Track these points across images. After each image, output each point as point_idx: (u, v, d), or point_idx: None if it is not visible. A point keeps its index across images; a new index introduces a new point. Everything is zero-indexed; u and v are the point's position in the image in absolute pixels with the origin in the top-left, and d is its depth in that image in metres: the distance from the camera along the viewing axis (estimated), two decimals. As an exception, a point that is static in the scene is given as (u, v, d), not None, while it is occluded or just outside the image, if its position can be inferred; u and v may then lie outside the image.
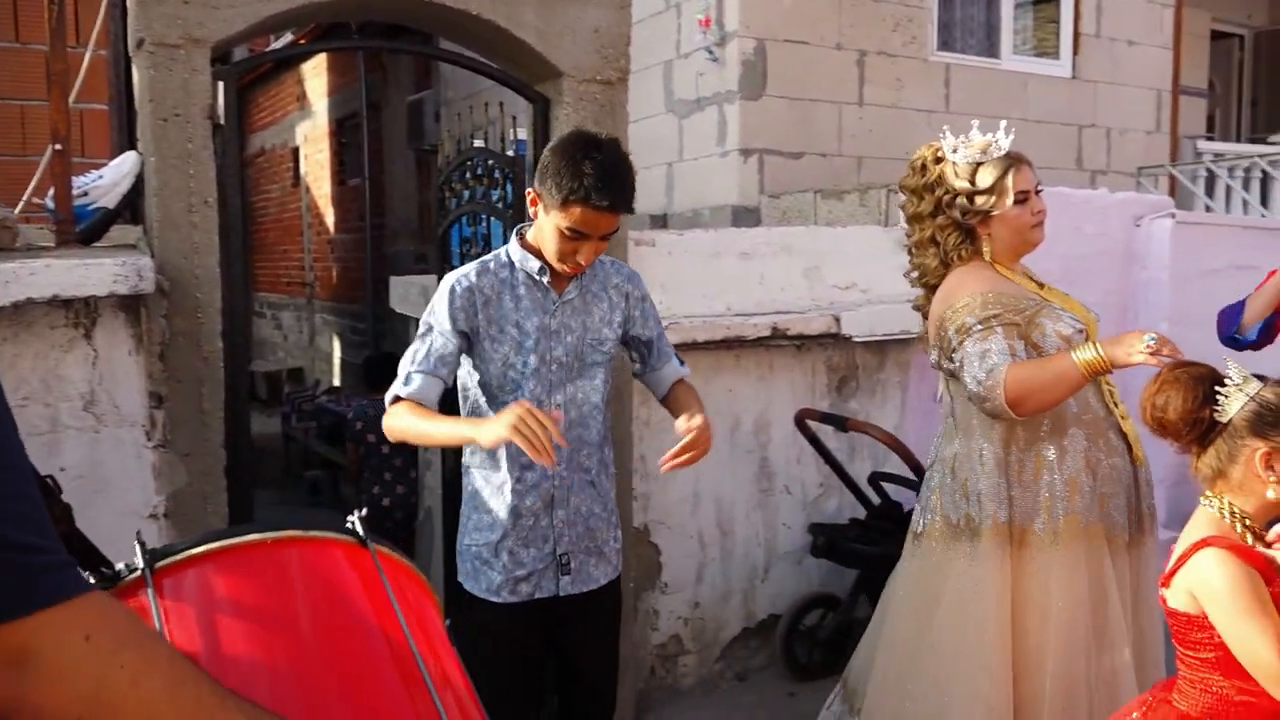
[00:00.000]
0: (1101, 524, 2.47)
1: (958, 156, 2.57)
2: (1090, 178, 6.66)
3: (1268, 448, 1.73)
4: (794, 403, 3.84)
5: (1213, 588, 1.68)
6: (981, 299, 2.47)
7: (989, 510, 2.49)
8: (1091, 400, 2.51)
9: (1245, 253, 4.81)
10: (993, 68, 6.41)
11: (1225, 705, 1.72)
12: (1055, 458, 2.46)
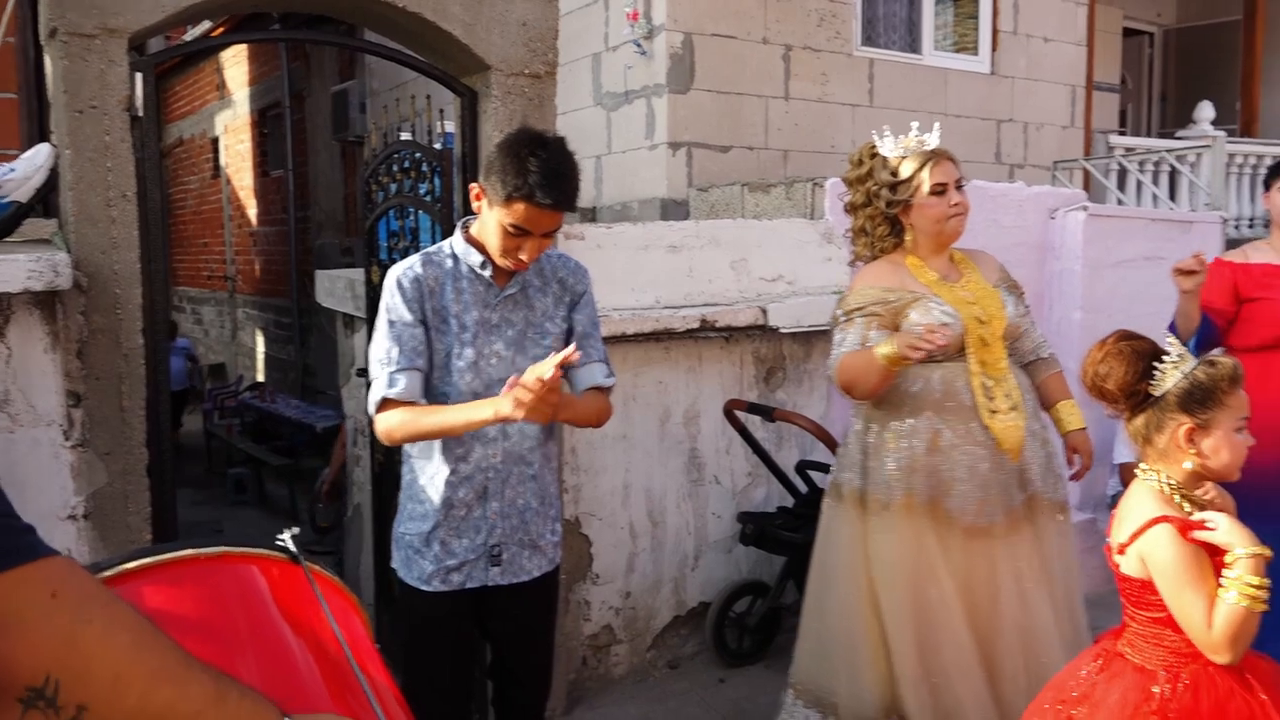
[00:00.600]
0: (940, 507, 2.66)
1: (886, 150, 2.77)
2: (1009, 171, 6.85)
3: (1192, 423, 1.86)
4: (723, 394, 3.89)
5: (1161, 562, 1.81)
6: (857, 293, 2.78)
7: (846, 478, 2.84)
8: (960, 389, 2.69)
9: (1153, 244, 5.01)
10: (915, 63, 6.55)
11: (1176, 656, 1.85)
12: (904, 437, 2.70)
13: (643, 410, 3.79)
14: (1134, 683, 1.88)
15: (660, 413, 3.83)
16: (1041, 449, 2.79)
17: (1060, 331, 4.82)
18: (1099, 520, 4.77)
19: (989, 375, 2.71)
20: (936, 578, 2.66)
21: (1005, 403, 2.69)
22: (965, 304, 2.74)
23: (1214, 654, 1.78)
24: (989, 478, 2.67)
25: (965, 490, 2.66)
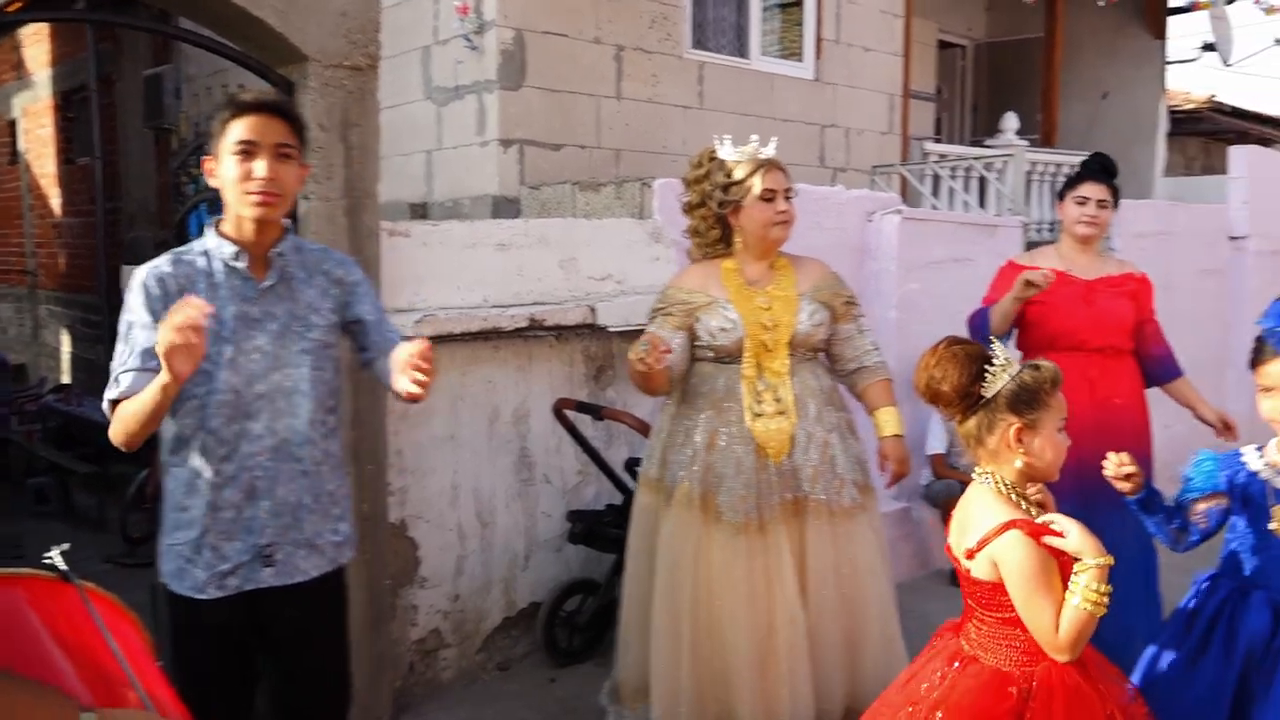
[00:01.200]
0: (712, 502, 2.83)
1: (724, 154, 2.92)
2: (832, 175, 7.11)
3: (1021, 424, 1.95)
4: (553, 393, 3.89)
5: (1013, 567, 1.88)
6: (664, 292, 2.99)
7: (645, 468, 3.06)
8: (735, 394, 2.87)
9: (963, 246, 5.30)
10: (743, 67, 6.71)
11: (1026, 655, 1.93)
12: (690, 431, 2.90)
13: (471, 410, 3.74)
14: (991, 684, 1.93)
15: (489, 412, 3.79)
16: (819, 454, 2.88)
17: (877, 330, 5.03)
18: (913, 509, 5.03)
19: (766, 379, 2.87)
20: (698, 575, 2.82)
21: (773, 407, 2.85)
22: (756, 310, 2.88)
23: (1058, 654, 1.87)
24: (754, 477, 2.82)
25: (733, 487, 2.81)
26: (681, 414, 2.95)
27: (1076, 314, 3.53)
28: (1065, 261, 3.63)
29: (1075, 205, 3.60)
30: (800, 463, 2.86)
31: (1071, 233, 3.63)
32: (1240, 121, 13.59)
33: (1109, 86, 10.06)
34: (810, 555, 2.86)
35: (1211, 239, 7.17)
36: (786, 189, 2.91)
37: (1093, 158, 3.74)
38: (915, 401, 5.10)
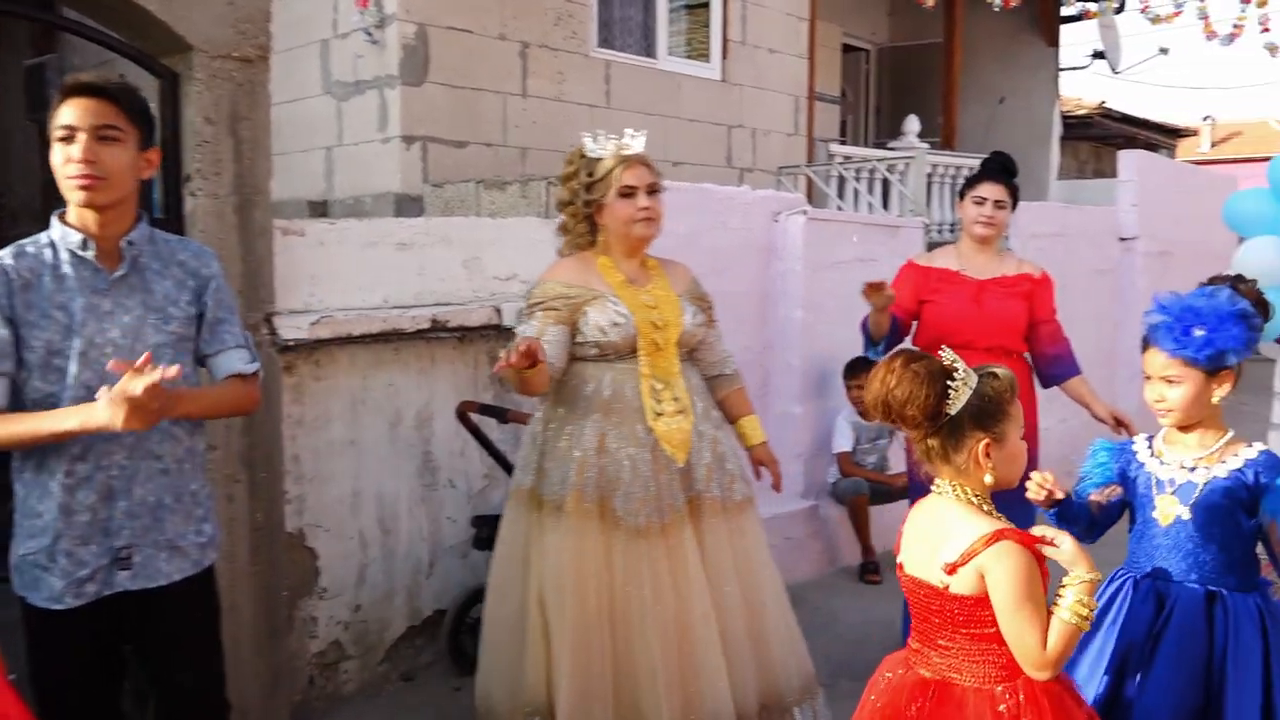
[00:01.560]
0: (608, 508, 2.72)
1: (590, 150, 2.84)
2: (739, 175, 7.15)
3: (989, 439, 1.86)
4: (457, 395, 3.80)
5: (1002, 578, 1.79)
6: (541, 287, 2.84)
7: (522, 479, 2.87)
8: (627, 391, 2.78)
9: (867, 247, 5.37)
10: (650, 67, 6.70)
11: (1005, 671, 1.84)
12: (575, 438, 2.77)
13: (372, 414, 3.64)
14: (978, 706, 1.84)
15: (391, 416, 3.69)
16: (710, 451, 2.87)
17: (783, 330, 5.07)
18: (820, 507, 5.07)
19: (659, 379, 2.81)
20: (602, 580, 2.72)
21: (673, 405, 2.79)
22: (644, 307, 2.82)
23: (1040, 670, 1.79)
24: (652, 479, 2.74)
25: (630, 491, 2.73)
26: (561, 418, 2.82)
27: (965, 314, 3.59)
28: (962, 261, 3.70)
29: (973, 205, 3.65)
30: (695, 461, 2.83)
31: (970, 232, 3.69)
32: (1128, 127, 14.14)
33: (1006, 91, 10.35)
34: (710, 553, 2.83)
35: (1103, 240, 7.43)
36: (651, 184, 2.83)
37: (992, 158, 3.80)
38: (822, 397, 5.18)
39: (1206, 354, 2.10)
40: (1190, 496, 2.20)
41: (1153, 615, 2.23)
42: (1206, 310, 2.12)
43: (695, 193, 4.75)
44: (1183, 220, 8.13)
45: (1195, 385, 2.15)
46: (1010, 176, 3.69)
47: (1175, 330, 2.12)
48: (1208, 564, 2.21)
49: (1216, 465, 2.20)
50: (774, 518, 4.82)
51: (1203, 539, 2.20)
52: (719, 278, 4.85)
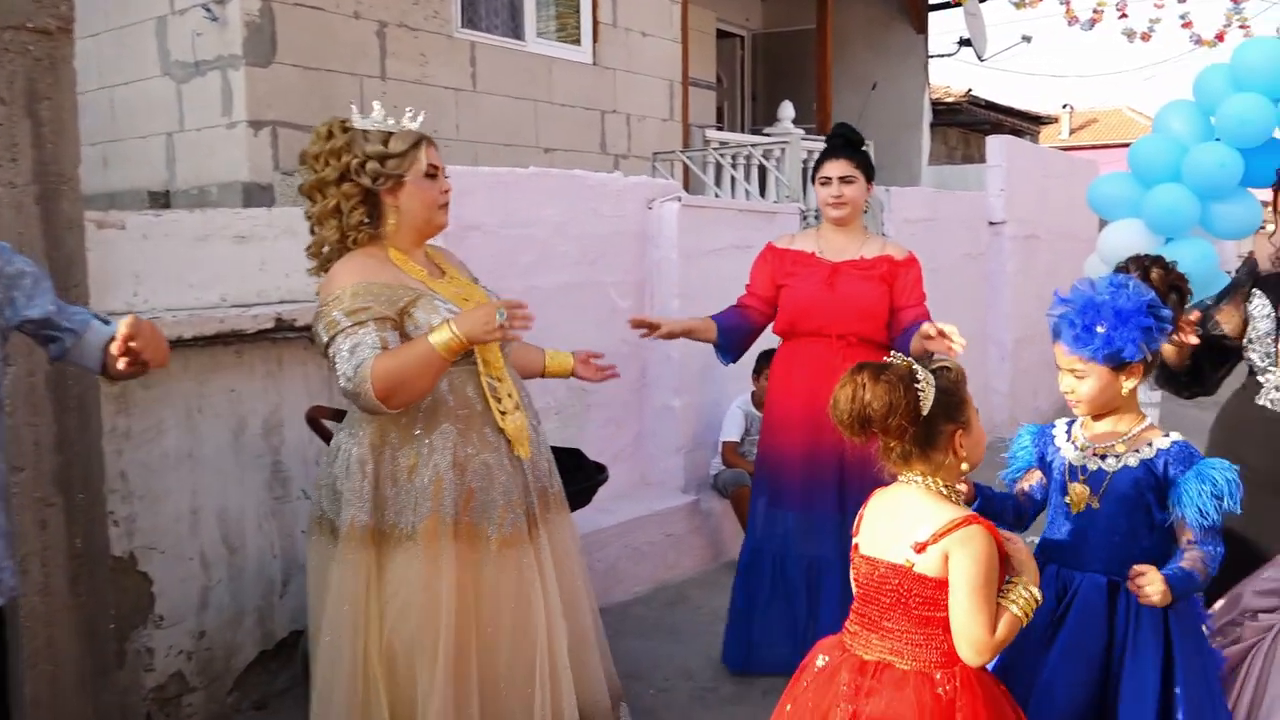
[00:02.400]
0: (470, 522, 2.46)
1: (368, 123, 2.50)
2: (613, 161, 6.97)
3: (959, 429, 1.91)
4: (308, 400, 3.52)
5: (968, 560, 1.83)
6: (351, 291, 2.38)
7: (348, 514, 2.42)
8: (469, 394, 2.50)
9: (743, 234, 5.26)
10: (518, 49, 6.45)
11: (945, 656, 1.88)
12: (425, 455, 2.43)
13: (212, 423, 3.33)
14: (917, 687, 1.87)
15: (234, 425, 3.38)
16: (541, 444, 2.70)
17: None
18: (702, 500, 4.94)
19: (492, 375, 2.56)
20: (466, 603, 2.44)
21: (510, 401, 2.58)
22: (459, 299, 2.53)
23: (980, 655, 1.84)
24: (508, 484, 2.52)
25: (491, 500, 2.49)
26: (400, 435, 2.45)
27: (817, 298, 3.46)
28: (821, 243, 3.57)
29: (821, 186, 3.53)
30: (538, 457, 2.64)
31: (825, 215, 3.58)
32: (994, 113, 14.54)
33: (878, 78, 10.46)
34: (557, 551, 2.66)
35: (973, 224, 7.53)
36: (443, 168, 2.60)
37: (832, 133, 3.65)
38: (702, 389, 5.05)
39: (1105, 353, 2.06)
40: (1100, 484, 2.17)
41: (1054, 603, 2.18)
42: (1108, 307, 2.07)
43: (566, 179, 4.55)
44: (1048, 204, 8.33)
45: (1101, 379, 2.13)
46: (855, 148, 3.54)
47: (1076, 327, 2.09)
48: (1114, 553, 2.16)
49: (1128, 454, 2.16)
50: (654, 514, 4.69)
51: (1110, 528, 2.16)
52: (593, 267, 4.68)
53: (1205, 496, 2.04)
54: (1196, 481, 2.06)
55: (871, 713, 1.87)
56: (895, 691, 1.87)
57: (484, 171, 4.25)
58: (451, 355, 2.34)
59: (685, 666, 3.75)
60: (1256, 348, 2.75)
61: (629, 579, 4.49)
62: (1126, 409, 2.18)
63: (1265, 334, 2.71)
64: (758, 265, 3.65)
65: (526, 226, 4.33)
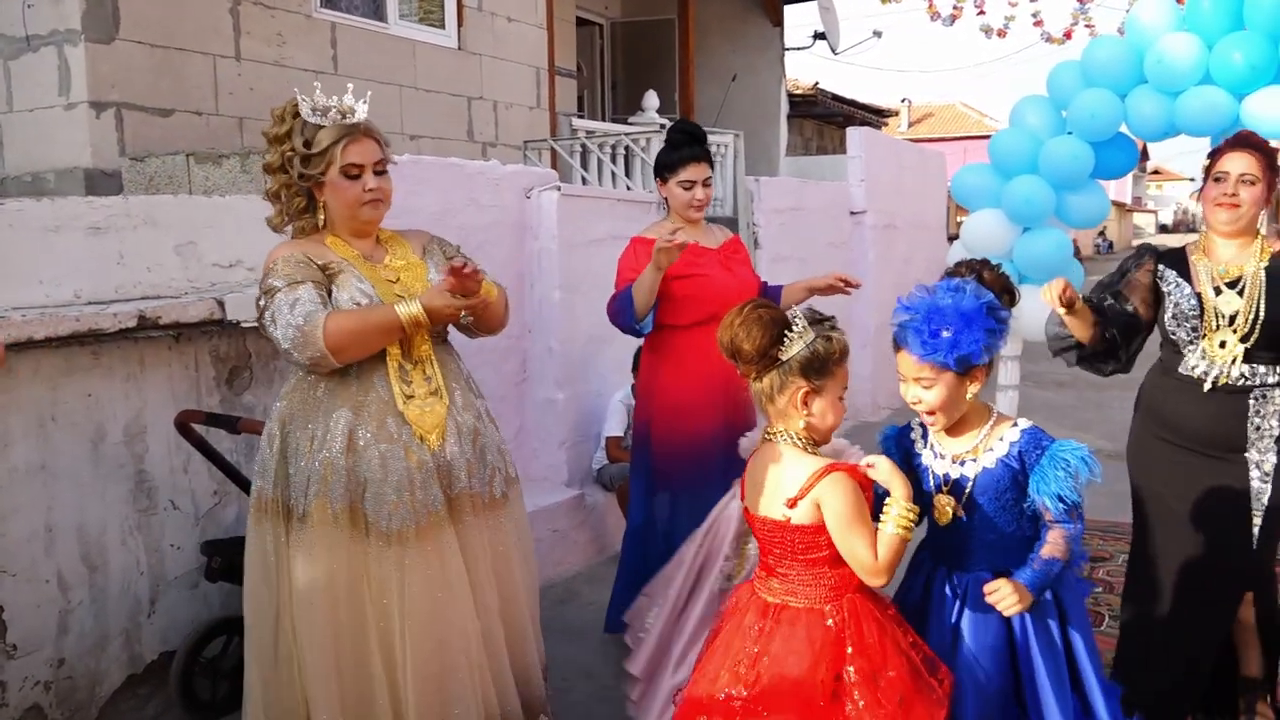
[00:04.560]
0: (359, 514, 2.42)
1: (306, 112, 2.47)
2: (482, 149, 6.81)
3: (809, 387, 2.07)
4: (175, 404, 3.27)
5: (836, 504, 2.02)
6: (284, 259, 2.45)
7: (256, 485, 2.52)
8: (373, 378, 2.46)
9: (621, 224, 5.20)
10: (380, 31, 6.21)
11: (833, 590, 2.08)
12: (320, 437, 2.43)
13: (68, 432, 3.04)
14: (809, 623, 2.05)
15: (92, 433, 3.11)
16: (473, 443, 2.59)
17: (541, 312, 4.83)
18: (587, 495, 4.88)
19: (408, 359, 2.50)
20: (356, 595, 2.42)
21: (424, 387, 2.51)
22: (385, 283, 2.51)
23: (876, 578, 2.02)
24: (406, 477, 2.43)
25: (382, 493, 2.42)
26: (302, 414, 2.47)
27: (725, 282, 3.48)
28: (687, 233, 3.55)
29: (683, 190, 3.48)
30: (454, 455, 2.53)
31: (684, 216, 3.54)
32: (846, 106, 14.97)
33: (736, 70, 10.59)
34: (470, 556, 2.55)
35: (835, 214, 7.71)
36: (378, 161, 2.52)
37: (684, 134, 3.56)
38: (584, 381, 4.98)
39: (955, 357, 2.07)
40: (963, 493, 2.18)
41: (951, 603, 2.21)
42: (951, 311, 2.07)
43: (443, 167, 4.39)
44: (903, 194, 8.62)
45: (948, 386, 2.12)
46: (705, 147, 3.53)
47: (923, 333, 2.08)
48: (994, 550, 2.19)
49: (984, 455, 2.18)
50: (539, 510, 4.59)
51: (984, 528, 2.19)
52: (473, 257, 4.53)
53: (1061, 480, 2.09)
54: (1052, 466, 2.10)
55: (774, 652, 2.05)
56: (790, 629, 2.07)
57: (358, 159, 4.04)
58: (415, 329, 2.42)
59: (583, 665, 3.68)
60: (1181, 324, 2.87)
61: (516, 578, 4.39)
62: (974, 411, 2.20)
63: (1189, 311, 2.84)
64: (630, 258, 3.57)
65: (403, 216, 4.10)
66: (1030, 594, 2.06)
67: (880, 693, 1.98)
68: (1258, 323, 2.75)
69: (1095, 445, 3.13)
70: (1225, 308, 2.80)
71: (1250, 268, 2.80)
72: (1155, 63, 4.37)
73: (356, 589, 2.42)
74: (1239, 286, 2.79)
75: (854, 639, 2.02)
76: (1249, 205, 2.79)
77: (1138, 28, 4.61)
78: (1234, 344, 2.77)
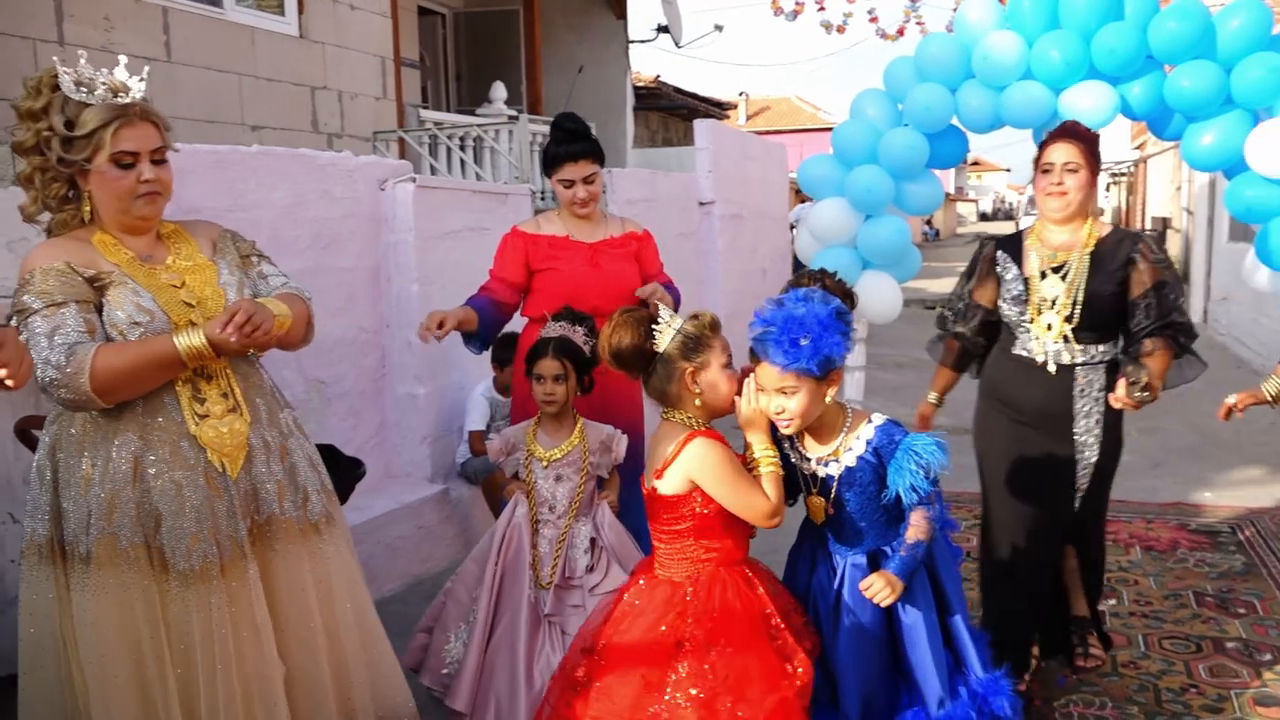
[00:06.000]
0: (152, 550, 2.18)
1: (67, 86, 2.13)
2: (328, 140, 6.63)
3: (692, 367, 2.21)
4: (11, 408, 3.09)
5: (708, 467, 2.16)
6: (41, 272, 2.13)
7: (35, 527, 2.19)
8: (163, 396, 2.21)
9: (477, 216, 5.18)
10: (216, 17, 5.96)
11: (696, 564, 2.22)
12: (100, 467, 2.15)
13: (-110, 444, 2.82)
14: (666, 593, 2.21)
15: (-81, 444, 2.89)
16: (279, 463, 2.37)
17: (399, 306, 4.75)
18: (451, 490, 4.84)
19: (201, 374, 2.25)
20: (157, 642, 2.17)
21: (221, 404, 2.26)
22: (167, 289, 2.24)
23: (773, 518, 2.17)
24: (206, 508, 2.20)
25: (179, 526, 2.17)
26: (78, 441, 2.17)
27: (586, 278, 3.48)
28: (569, 227, 3.57)
29: (565, 189, 3.50)
30: (261, 477, 2.31)
31: (571, 212, 3.55)
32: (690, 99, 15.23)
33: (583, 62, 10.64)
34: (284, 588, 2.34)
35: (685, 204, 7.86)
36: (157, 149, 2.23)
37: (566, 131, 3.52)
38: (445, 375, 4.93)
39: (817, 362, 2.14)
40: (830, 492, 2.30)
41: (830, 587, 2.33)
42: (808, 318, 2.15)
43: (294, 159, 4.26)
44: (749, 185, 8.86)
45: (810, 391, 2.19)
46: (591, 142, 3.53)
47: (784, 343, 2.14)
48: (866, 535, 2.32)
49: (845, 455, 2.28)
50: (404, 507, 4.54)
51: (853, 521, 2.31)
52: (325, 252, 4.42)
53: (914, 472, 2.21)
54: (905, 460, 2.23)
55: (632, 612, 2.23)
56: (650, 594, 2.24)
57: (203, 150, 3.88)
58: (197, 361, 2.16)
59: (456, 658, 3.66)
60: (1012, 307, 3.08)
61: (382, 576, 4.32)
62: (831, 412, 2.30)
63: (1018, 295, 3.05)
64: (506, 251, 3.58)
65: (253, 210, 4.02)
66: (901, 581, 2.20)
67: (709, 663, 2.09)
68: (1078, 305, 2.96)
69: (936, 423, 3.37)
70: (1049, 291, 3.00)
71: (1077, 252, 3.01)
72: (981, 59, 4.65)
73: (153, 634, 2.16)
74: (1064, 271, 3.00)
75: (698, 613, 2.15)
76: (1074, 192, 2.99)
77: (965, 26, 4.90)
78: (1059, 326, 2.99)
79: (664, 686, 2.10)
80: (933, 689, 2.25)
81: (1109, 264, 2.98)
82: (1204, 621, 3.73)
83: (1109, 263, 2.98)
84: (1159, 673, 3.33)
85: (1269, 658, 3.41)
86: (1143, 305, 2.94)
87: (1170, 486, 5.41)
